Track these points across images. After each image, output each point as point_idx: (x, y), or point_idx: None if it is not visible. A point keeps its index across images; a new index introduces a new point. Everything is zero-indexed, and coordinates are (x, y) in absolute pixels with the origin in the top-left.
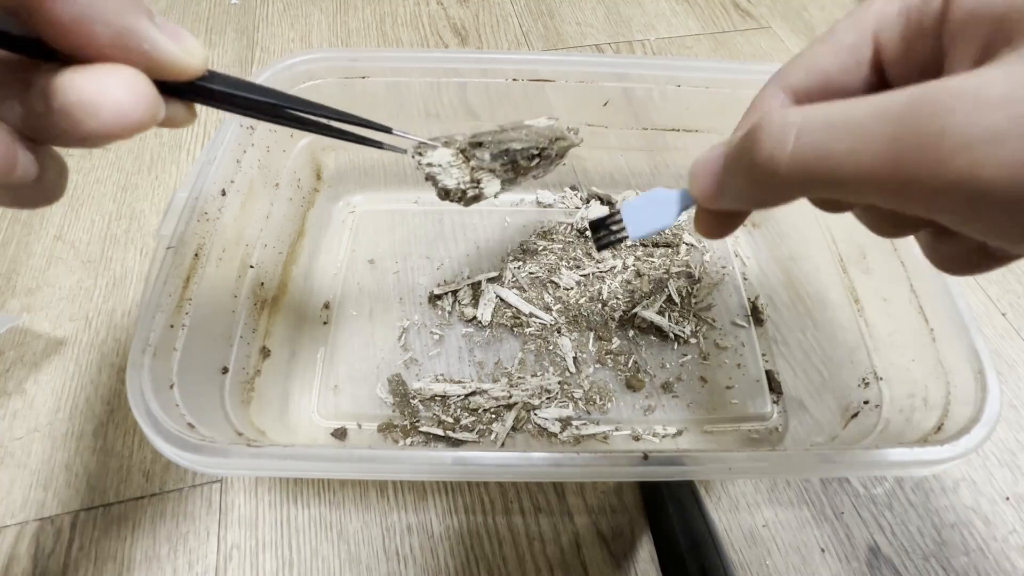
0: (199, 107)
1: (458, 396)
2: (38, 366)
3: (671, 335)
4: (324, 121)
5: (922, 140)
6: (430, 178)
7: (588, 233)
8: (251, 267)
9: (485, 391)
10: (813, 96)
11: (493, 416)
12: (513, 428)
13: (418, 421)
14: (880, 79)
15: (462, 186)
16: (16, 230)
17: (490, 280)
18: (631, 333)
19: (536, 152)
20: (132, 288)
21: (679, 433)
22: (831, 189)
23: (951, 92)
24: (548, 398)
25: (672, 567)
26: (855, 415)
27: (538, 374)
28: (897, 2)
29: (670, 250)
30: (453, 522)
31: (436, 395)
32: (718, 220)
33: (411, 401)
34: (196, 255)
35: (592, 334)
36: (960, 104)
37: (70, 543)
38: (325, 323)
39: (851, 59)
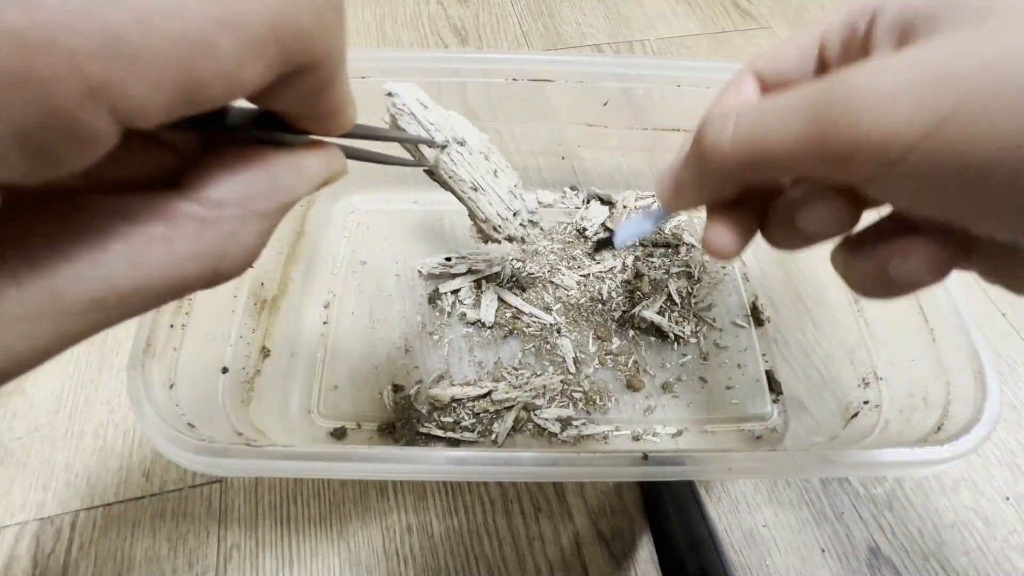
0: None
1: (471, 398)
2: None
3: (671, 335)
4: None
5: (836, 109)
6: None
7: (588, 234)
8: (251, 267)
9: (487, 394)
10: (772, 85)
11: (493, 416)
12: (513, 428)
13: (419, 423)
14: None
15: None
16: None
17: (490, 280)
18: (631, 333)
19: None
20: None
21: (679, 433)
22: (768, 167)
23: (858, 68)
24: (549, 398)
25: (672, 567)
26: (855, 415)
27: (539, 374)
28: (843, 14)
29: (670, 250)
30: (453, 522)
31: (455, 398)
32: (724, 230)
33: (414, 404)
34: None
35: (592, 334)
36: (864, 71)
37: (70, 543)
38: (325, 323)
39: (804, 56)
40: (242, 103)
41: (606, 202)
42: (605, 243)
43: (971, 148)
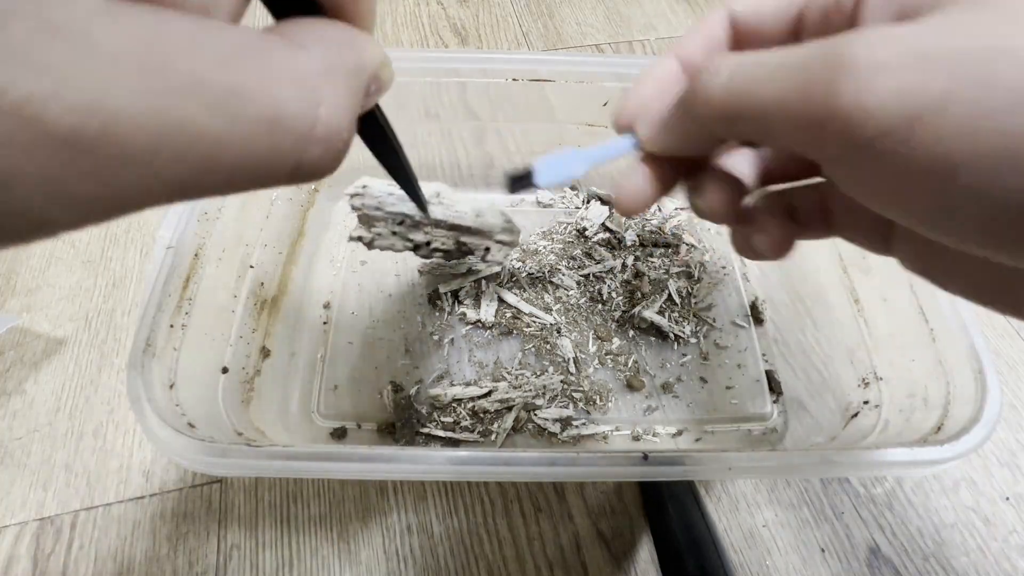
0: None
1: (472, 398)
2: (38, 366)
3: (671, 335)
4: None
5: (820, 71)
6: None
7: (588, 234)
8: (251, 267)
9: (488, 394)
10: (745, 31)
11: (493, 416)
12: (513, 428)
13: (419, 423)
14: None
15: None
16: None
17: (490, 280)
18: (631, 333)
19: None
20: (132, 288)
21: (679, 433)
22: (751, 123)
23: (855, 33)
24: (549, 398)
25: (672, 567)
26: (855, 415)
27: (539, 374)
28: None
29: (670, 250)
30: (453, 522)
31: (455, 398)
32: (648, 181)
33: (414, 404)
34: (196, 255)
35: (592, 334)
36: (859, 39)
37: (70, 543)
38: (325, 323)
39: (781, 12)
40: None
41: (606, 202)
42: (521, 180)
43: (947, 148)
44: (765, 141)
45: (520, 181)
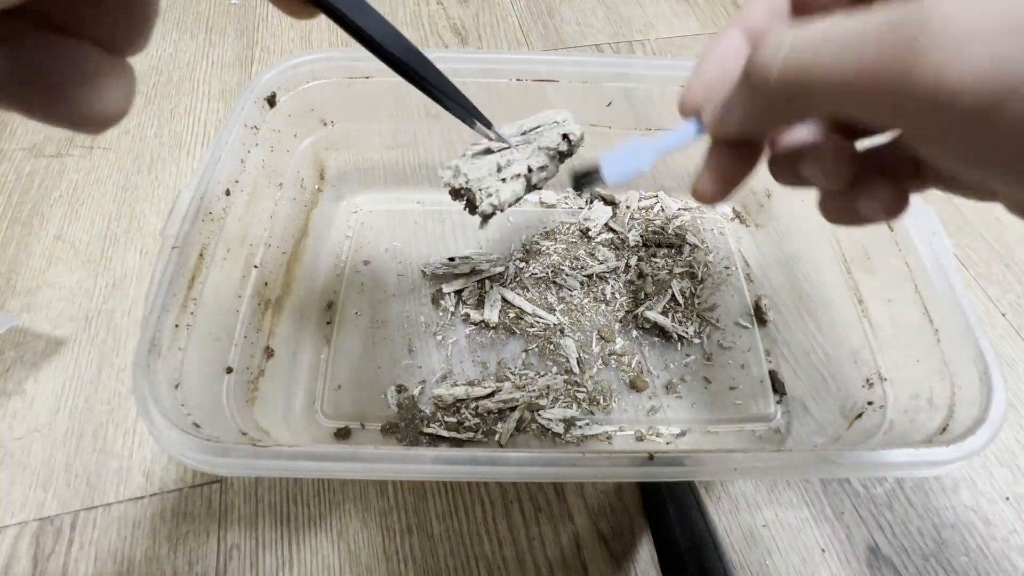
0: (197, 113)
1: (475, 398)
2: (38, 366)
3: (675, 336)
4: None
5: (899, 42)
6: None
7: (591, 234)
8: (255, 267)
9: (491, 395)
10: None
11: (497, 417)
12: (517, 429)
13: (423, 423)
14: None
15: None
16: (16, 230)
17: (493, 280)
18: (635, 334)
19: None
20: (132, 288)
21: (683, 434)
22: (816, 99)
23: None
24: (553, 399)
25: (672, 567)
26: (859, 416)
27: (542, 374)
28: None
29: (673, 250)
30: (453, 522)
31: (458, 399)
32: (720, 169)
33: (418, 405)
34: (200, 255)
35: (595, 335)
36: (942, 2)
37: (70, 543)
38: (328, 323)
39: None
40: None
41: (609, 203)
42: (588, 177)
43: None
44: (829, 114)
45: (586, 178)
